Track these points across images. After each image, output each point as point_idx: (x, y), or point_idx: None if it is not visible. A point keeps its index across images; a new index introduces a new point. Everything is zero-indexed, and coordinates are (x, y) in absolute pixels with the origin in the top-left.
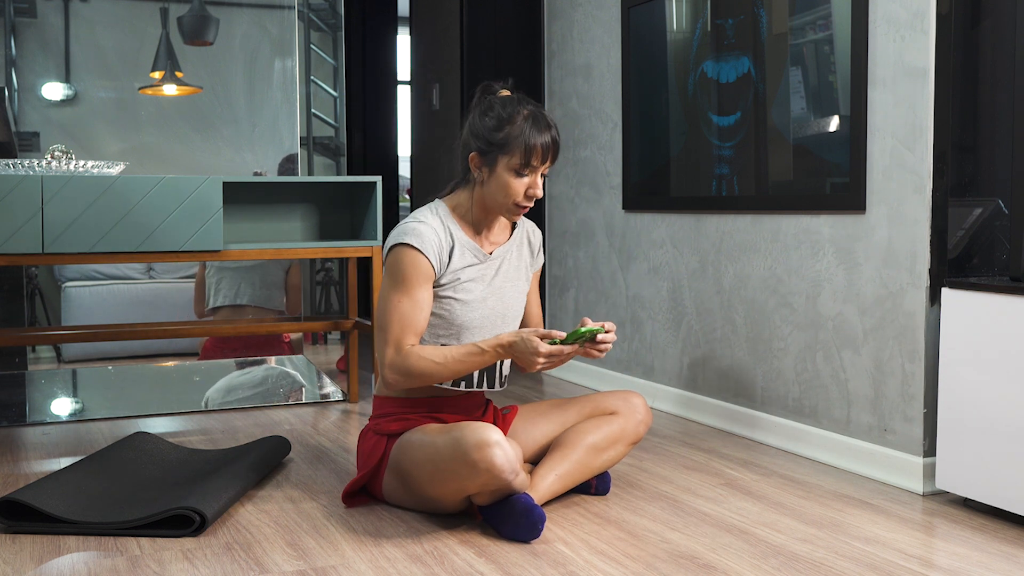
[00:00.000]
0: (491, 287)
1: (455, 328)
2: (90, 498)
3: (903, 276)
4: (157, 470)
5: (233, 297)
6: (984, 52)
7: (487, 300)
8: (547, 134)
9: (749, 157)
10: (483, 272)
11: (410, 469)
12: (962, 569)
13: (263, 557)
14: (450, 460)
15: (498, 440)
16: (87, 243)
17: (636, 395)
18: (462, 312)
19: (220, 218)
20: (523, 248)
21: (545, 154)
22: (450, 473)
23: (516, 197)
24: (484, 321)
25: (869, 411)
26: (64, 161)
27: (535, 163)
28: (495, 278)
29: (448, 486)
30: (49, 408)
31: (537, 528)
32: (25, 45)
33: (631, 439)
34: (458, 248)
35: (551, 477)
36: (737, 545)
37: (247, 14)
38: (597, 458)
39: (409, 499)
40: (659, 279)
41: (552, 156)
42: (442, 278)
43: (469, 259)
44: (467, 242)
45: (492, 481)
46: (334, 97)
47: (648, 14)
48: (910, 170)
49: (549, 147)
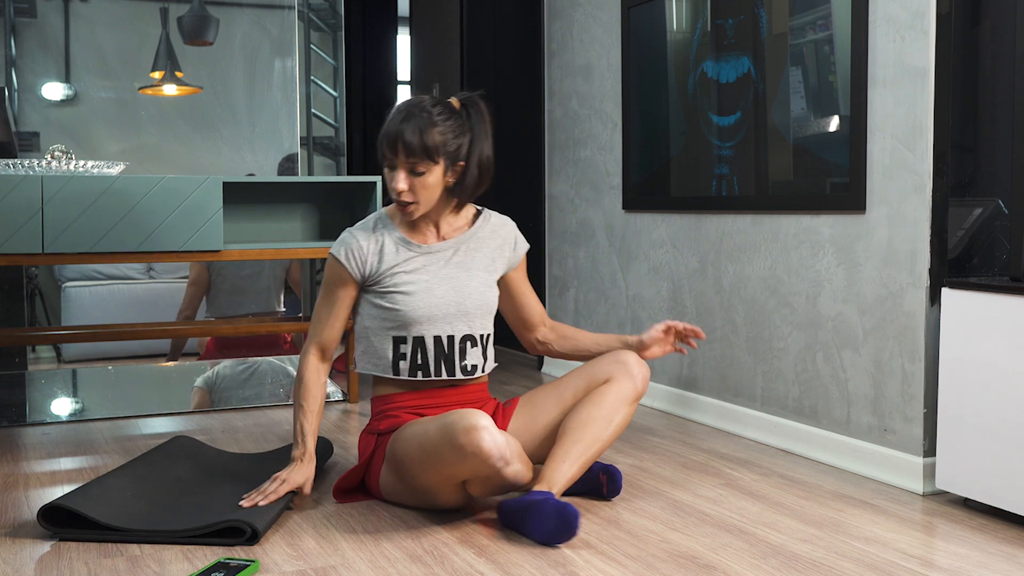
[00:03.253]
0: (439, 276)
1: (402, 320)
2: (136, 504)
3: (903, 276)
4: (201, 475)
5: (236, 308)
6: (984, 52)
7: (434, 289)
8: (394, 124)
9: (749, 157)
10: (428, 263)
11: (403, 458)
12: (962, 569)
13: (263, 557)
14: (439, 445)
15: (486, 425)
16: (87, 243)
17: (626, 352)
18: (407, 303)
19: (220, 218)
20: (490, 240)
21: (391, 145)
22: (439, 458)
23: (391, 191)
24: (435, 311)
25: (869, 411)
26: (64, 161)
27: (387, 154)
28: (444, 267)
29: (438, 472)
30: (49, 408)
31: (573, 527)
32: (25, 45)
33: (632, 398)
34: (389, 246)
35: (564, 465)
36: (737, 545)
37: (247, 14)
38: (606, 429)
39: (406, 492)
40: (659, 279)
41: (398, 149)
42: (378, 277)
43: (405, 253)
44: (399, 238)
45: (481, 466)
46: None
47: (648, 14)
48: (910, 170)
49: (391, 137)
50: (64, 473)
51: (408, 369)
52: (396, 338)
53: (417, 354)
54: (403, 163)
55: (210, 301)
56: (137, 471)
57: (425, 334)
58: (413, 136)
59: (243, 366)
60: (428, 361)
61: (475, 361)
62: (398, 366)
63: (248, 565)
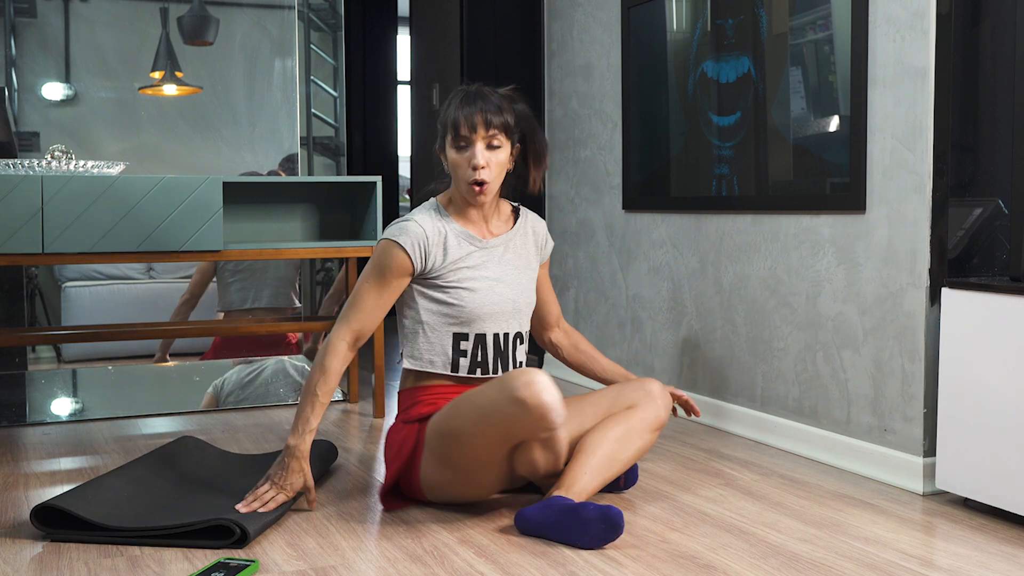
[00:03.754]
0: (498, 273)
1: (465, 317)
2: (131, 505)
3: (903, 276)
4: (202, 476)
5: (251, 300)
6: (984, 52)
7: (495, 287)
8: (476, 104)
9: (749, 157)
10: (487, 258)
11: (453, 427)
12: (962, 569)
13: (263, 557)
14: (497, 400)
15: (545, 380)
16: (87, 243)
17: (651, 382)
18: (473, 300)
19: (220, 218)
20: (527, 239)
21: (469, 120)
22: (496, 415)
23: (463, 172)
24: (495, 308)
25: (869, 411)
26: (64, 161)
27: (464, 132)
28: (499, 264)
29: (494, 432)
30: (49, 408)
31: (619, 527)
32: (25, 45)
33: (656, 426)
34: (452, 238)
35: (586, 477)
36: (737, 545)
37: (247, 14)
38: (627, 450)
39: (448, 478)
40: (659, 279)
41: (477, 123)
42: (440, 270)
43: (467, 247)
44: (461, 231)
45: (539, 421)
46: (334, 97)
47: (648, 14)
48: (910, 170)
49: (470, 113)
50: (64, 473)
51: (468, 366)
52: (457, 334)
53: (478, 351)
54: (482, 138)
55: (220, 291)
56: (136, 472)
57: (487, 331)
58: (494, 112)
59: (249, 369)
60: (488, 358)
61: (522, 358)
62: (458, 363)
63: (248, 565)
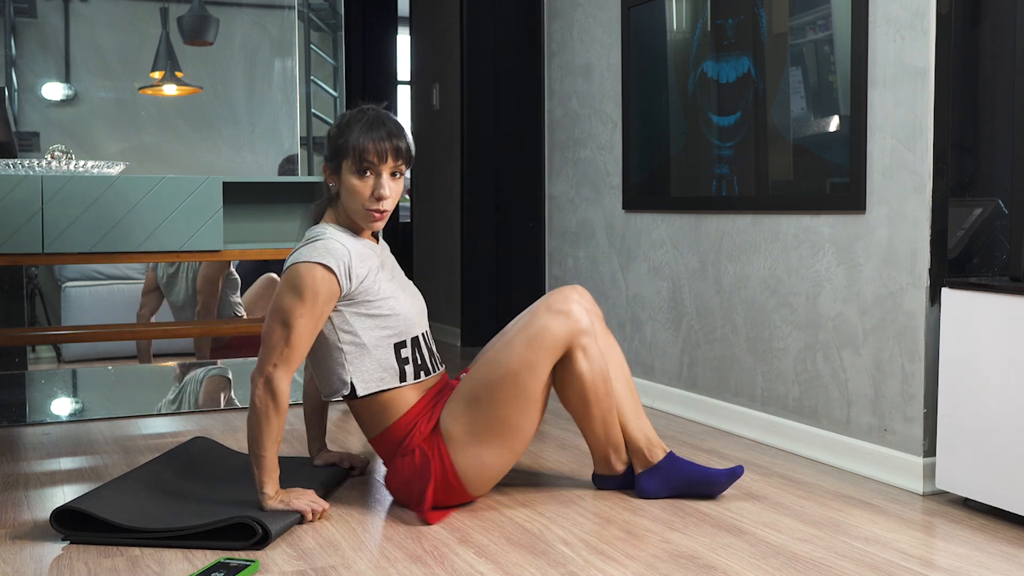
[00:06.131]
0: (397, 275)
1: (402, 326)
2: (152, 506)
3: (903, 276)
4: (221, 476)
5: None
6: (984, 52)
7: (402, 290)
8: (381, 131)
9: (749, 157)
10: (383, 263)
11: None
12: (962, 569)
13: (263, 557)
14: (536, 316)
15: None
16: (87, 243)
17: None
18: (401, 306)
19: (220, 218)
20: None
21: (380, 151)
22: (536, 331)
23: (362, 199)
24: (414, 309)
25: (869, 411)
26: (64, 161)
27: (372, 160)
28: (390, 270)
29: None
30: (49, 408)
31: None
32: (25, 45)
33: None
34: (363, 252)
35: (643, 421)
36: (737, 545)
37: (247, 14)
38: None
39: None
40: (659, 279)
41: (387, 154)
42: (366, 287)
43: (373, 259)
44: (363, 244)
45: (576, 324)
46: (334, 97)
47: (648, 14)
48: (910, 170)
49: (379, 143)
50: (64, 473)
51: (413, 372)
52: (397, 344)
53: (416, 355)
54: (389, 167)
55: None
56: (151, 473)
57: (416, 333)
58: (400, 140)
59: None
60: (424, 359)
61: (437, 352)
62: (404, 372)
63: (248, 565)
